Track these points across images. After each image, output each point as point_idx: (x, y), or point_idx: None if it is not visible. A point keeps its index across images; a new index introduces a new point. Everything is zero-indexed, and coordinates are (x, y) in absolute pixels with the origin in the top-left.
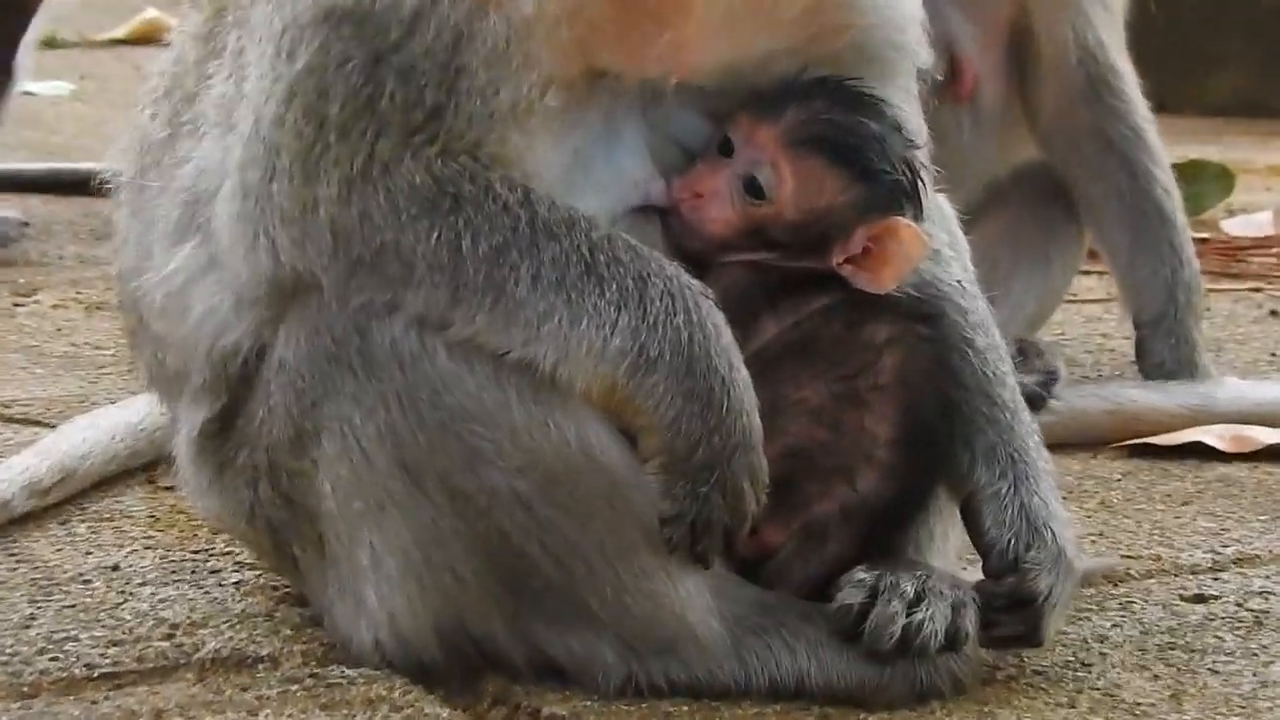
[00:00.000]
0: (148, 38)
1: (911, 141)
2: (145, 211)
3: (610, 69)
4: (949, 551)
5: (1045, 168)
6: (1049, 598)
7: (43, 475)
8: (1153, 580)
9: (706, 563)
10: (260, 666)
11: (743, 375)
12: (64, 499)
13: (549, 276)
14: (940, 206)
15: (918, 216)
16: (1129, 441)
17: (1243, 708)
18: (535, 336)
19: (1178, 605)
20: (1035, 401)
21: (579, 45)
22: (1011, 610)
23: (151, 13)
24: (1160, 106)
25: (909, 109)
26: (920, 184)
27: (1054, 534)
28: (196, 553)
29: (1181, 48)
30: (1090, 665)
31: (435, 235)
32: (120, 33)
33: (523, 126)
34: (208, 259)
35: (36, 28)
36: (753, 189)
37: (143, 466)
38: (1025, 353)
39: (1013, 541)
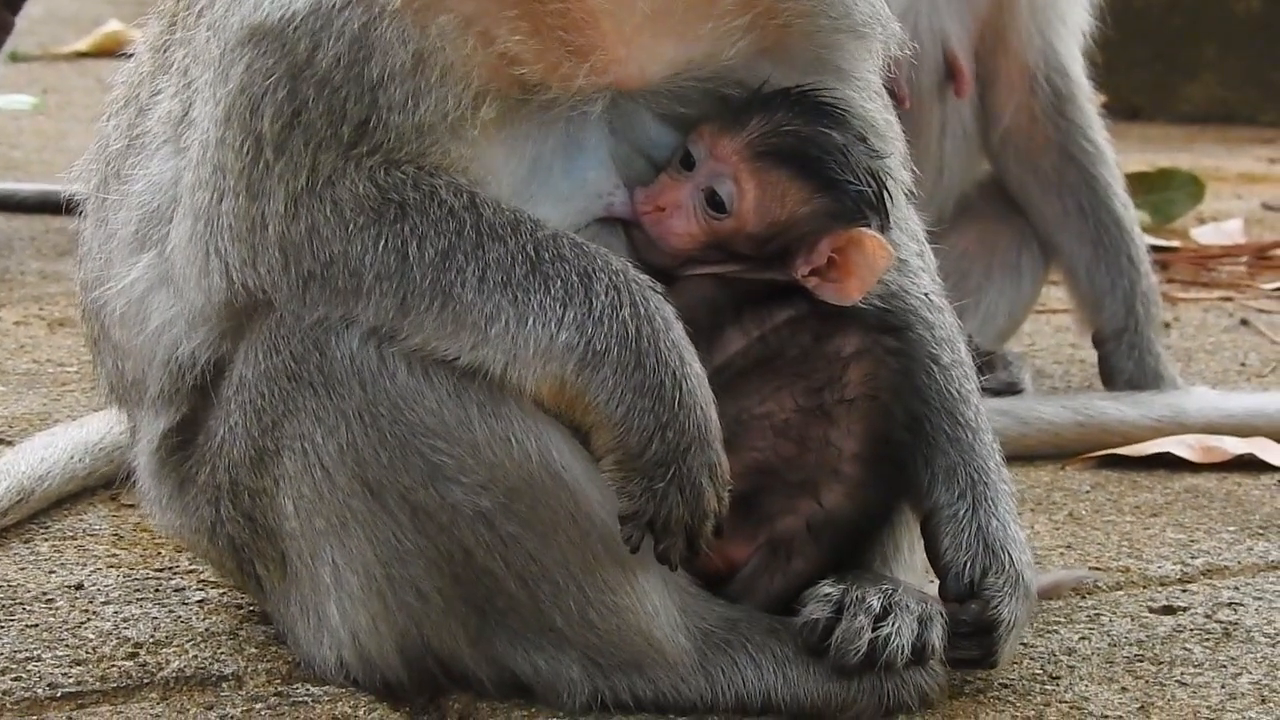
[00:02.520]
0: (110, 50)
1: (877, 152)
2: (106, 222)
3: (542, 84)
4: (916, 564)
5: None
6: (1008, 624)
7: (0, 496)
8: (1121, 592)
9: (671, 564)
10: (224, 685)
11: (695, 369)
12: (22, 519)
13: (495, 277)
14: (909, 217)
15: (883, 227)
16: (1098, 453)
17: None
18: (484, 339)
19: (1146, 617)
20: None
21: (503, 60)
22: (971, 636)
23: (114, 25)
24: (1134, 114)
25: (873, 106)
26: (886, 195)
27: (1012, 558)
28: (160, 571)
29: (1155, 56)
30: (1058, 678)
31: (382, 243)
32: (83, 45)
33: (461, 137)
34: (166, 272)
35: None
36: (714, 202)
37: (105, 484)
38: (992, 365)
39: (969, 565)
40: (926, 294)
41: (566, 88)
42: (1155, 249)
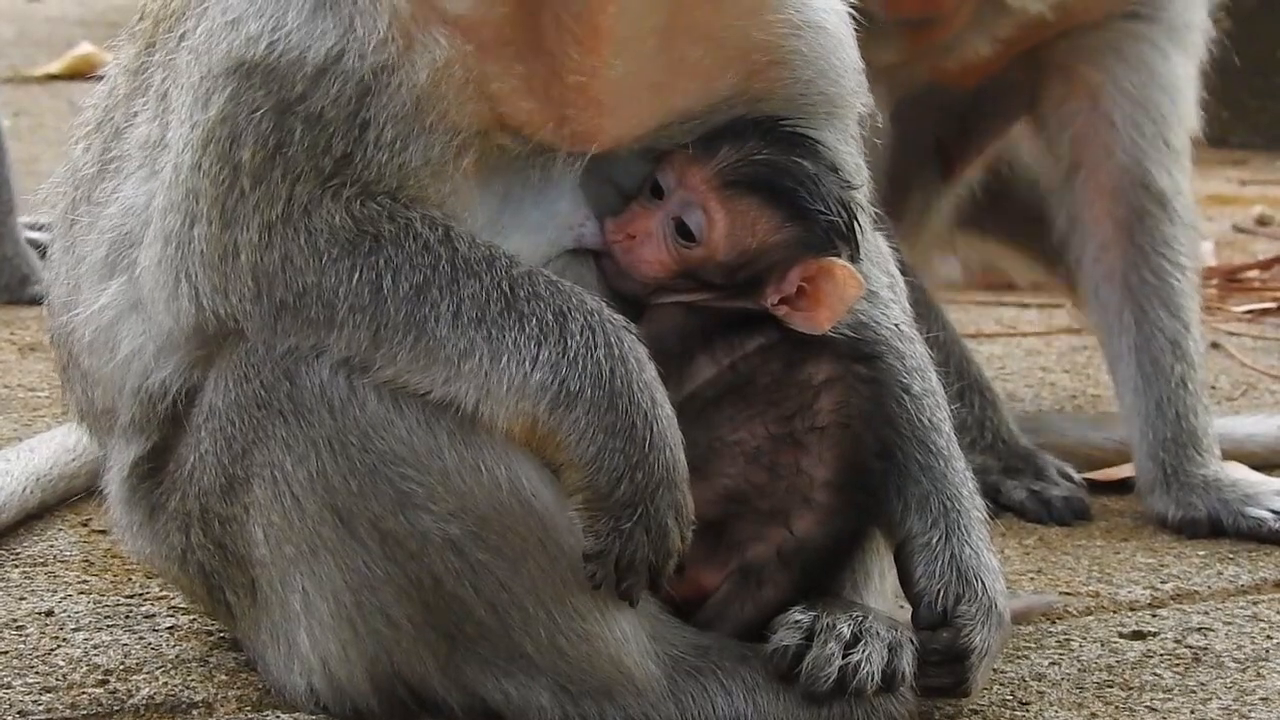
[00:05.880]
0: (83, 73)
1: (848, 182)
2: (76, 246)
3: (529, 140)
4: (886, 591)
5: None
6: (981, 652)
7: None
8: (1091, 617)
9: (632, 600)
10: (195, 712)
11: (666, 410)
12: None
13: (469, 313)
14: (879, 247)
15: (854, 257)
16: None
17: None
18: (456, 374)
19: (1116, 642)
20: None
21: (495, 114)
22: (943, 664)
23: (86, 47)
24: None
25: (846, 149)
26: (856, 224)
27: (984, 586)
28: (130, 597)
29: None
30: (1028, 704)
31: (356, 275)
32: (54, 68)
33: (441, 177)
34: (136, 298)
35: None
36: (683, 231)
37: (70, 505)
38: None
39: (942, 593)
40: (897, 324)
41: (552, 145)
42: None
